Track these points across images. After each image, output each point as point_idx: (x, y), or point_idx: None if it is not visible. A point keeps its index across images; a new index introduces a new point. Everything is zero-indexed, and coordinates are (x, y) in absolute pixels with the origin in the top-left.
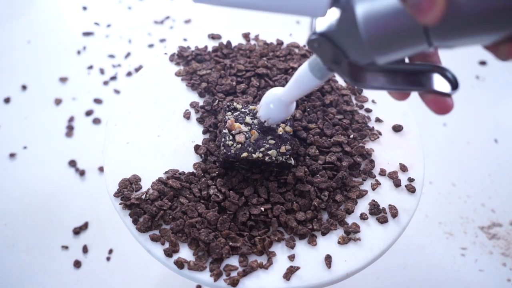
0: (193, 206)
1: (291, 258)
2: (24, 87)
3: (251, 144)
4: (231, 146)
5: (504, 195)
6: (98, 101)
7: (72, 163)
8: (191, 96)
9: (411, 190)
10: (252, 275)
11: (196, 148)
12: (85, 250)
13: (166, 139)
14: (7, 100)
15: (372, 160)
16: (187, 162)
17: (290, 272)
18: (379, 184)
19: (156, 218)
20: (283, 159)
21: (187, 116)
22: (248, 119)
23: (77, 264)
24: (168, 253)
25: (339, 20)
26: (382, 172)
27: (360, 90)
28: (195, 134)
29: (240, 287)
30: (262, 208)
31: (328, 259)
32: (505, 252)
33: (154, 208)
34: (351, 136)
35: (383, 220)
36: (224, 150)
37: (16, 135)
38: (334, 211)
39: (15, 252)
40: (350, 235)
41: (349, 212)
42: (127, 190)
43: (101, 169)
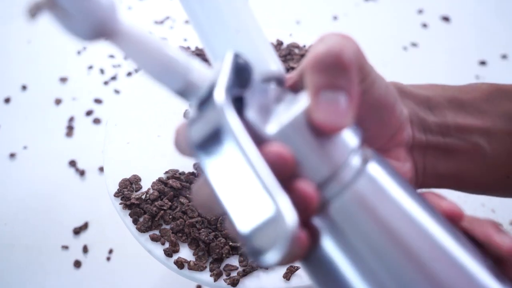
0: (193, 206)
1: None
2: (24, 87)
3: None
4: None
5: None
6: (98, 101)
7: (72, 163)
8: None
9: None
10: (252, 275)
11: None
12: (85, 250)
13: (166, 139)
14: (7, 100)
15: None
16: (187, 162)
17: (290, 272)
18: None
19: (156, 218)
20: None
21: (187, 116)
22: None
23: (77, 264)
24: (168, 253)
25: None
26: None
27: None
28: None
29: (240, 287)
30: None
31: None
32: None
33: (154, 208)
34: None
35: None
36: None
37: (16, 135)
38: None
39: (15, 252)
40: None
41: None
42: (127, 190)
43: (101, 169)
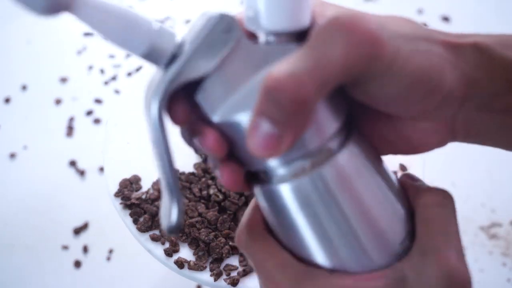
0: (193, 206)
1: None
2: (24, 87)
3: None
4: None
5: (504, 195)
6: (98, 101)
7: (72, 163)
8: None
9: None
10: (252, 275)
11: None
12: (85, 250)
13: None
14: (7, 100)
15: None
16: (187, 162)
17: None
18: None
19: (156, 218)
20: None
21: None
22: None
23: (77, 264)
24: (168, 252)
25: None
26: None
27: None
28: None
29: (240, 287)
30: None
31: None
32: (505, 252)
33: (155, 208)
34: None
35: None
36: None
37: (16, 135)
38: None
39: (15, 252)
40: None
41: None
42: (127, 190)
43: (101, 169)
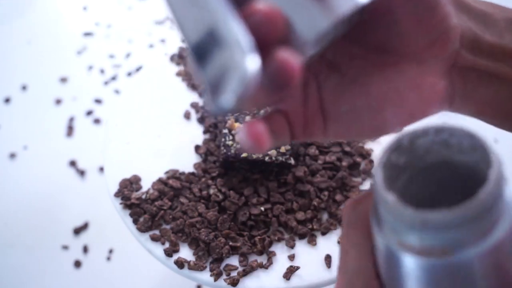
0: (193, 206)
1: (291, 257)
2: (24, 87)
3: None
4: (231, 146)
5: None
6: (98, 101)
7: (72, 163)
8: (191, 96)
9: None
10: (252, 275)
11: (196, 148)
12: (85, 250)
13: (166, 139)
14: (7, 100)
15: (371, 160)
16: (187, 162)
17: (290, 272)
18: None
19: (156, 218)
20: (283, 159)
21: (187, 116)
22: (248, 119)
23: (77, 264)
24: (168, 252)
25: None
26: None
27: None
28: (195, 134)
29: (240, 287)
30: (262, 208)
31: (328, 259)
32: None
33: (154, 208)
34: None
35: None
36: (224, 150)
37: (16, 135)
38: (334, 211)
39: (15, 252)
40: None
41: None
42: (127, 190)
43: (101, 169)
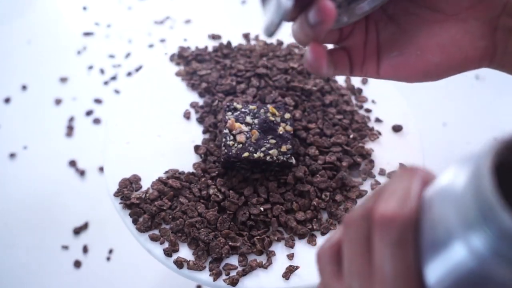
0: (193, 206)
1: (291, 257)
2: (24, 87)
3: (252, 144)
4: (232, 146)
5: None
6: (98, 101)
7: (72, 163)
8: (191, 96)
9: None
10: (251, 275)
11: (196, 148)
12: (85, 250)
13: (166, 139)
14: (7, 100)
15: (371, 160)
16: (187, 162)
17: (290, 272)
18: (379, 184)
19: (156, 218)
20: (284, 159)
21: (187, 116)
22: (248, 119)
23: (77, 264)
24: (168, 252)
25: None
26: (382, 172)
27: (360, 90)
28: (195, 134)
29: (239, 287)
30: (262, 208)
31: None
32: None
33: (154, 208)
34: (351, 136)
35: None
36: (225, 150)
37: (16, 135)
38: (334, 210)
39: (15, 252)
40: None
41: (348, 212)
42: (127, 190)
43: (101, 169)
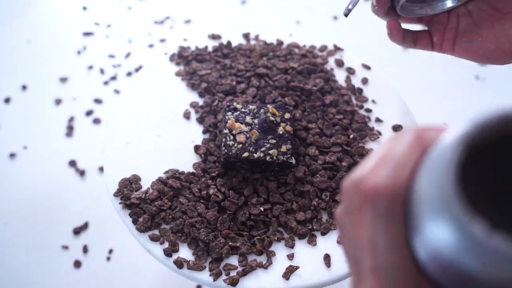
0: (192, 206)
1: (291, 257)
2: (24, 87)
3: (252, 144)
4: (232, 146)
5: None
6: (98, 101)
7: (72, 163)
8: (191, 96)
9: None
10: (251, 275)
11: (196, 148)
12: (85, 250)
13: (166, 139)
14: (7, 100)
15: None
16: (187, 162)
17: (290, 272)
18: None
19: (156, 218)
20: (284, 158)
21: (187, 116)
22: (248, 119)
23: (77, 264)
24: (168, 252)
25: None
26: None
27: (360, 90)
28: (195, 134)
29: (239, 287)
30: (262, 208)
31: (327, 259)
32: None
33: (154, 208)
34: (351, 136)
35: None
36: (226, 150)
37: (16, 135)
38: (334, 211)
39: (15, 252)
40: None
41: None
42: (127, 190)
43: (101, 169)
